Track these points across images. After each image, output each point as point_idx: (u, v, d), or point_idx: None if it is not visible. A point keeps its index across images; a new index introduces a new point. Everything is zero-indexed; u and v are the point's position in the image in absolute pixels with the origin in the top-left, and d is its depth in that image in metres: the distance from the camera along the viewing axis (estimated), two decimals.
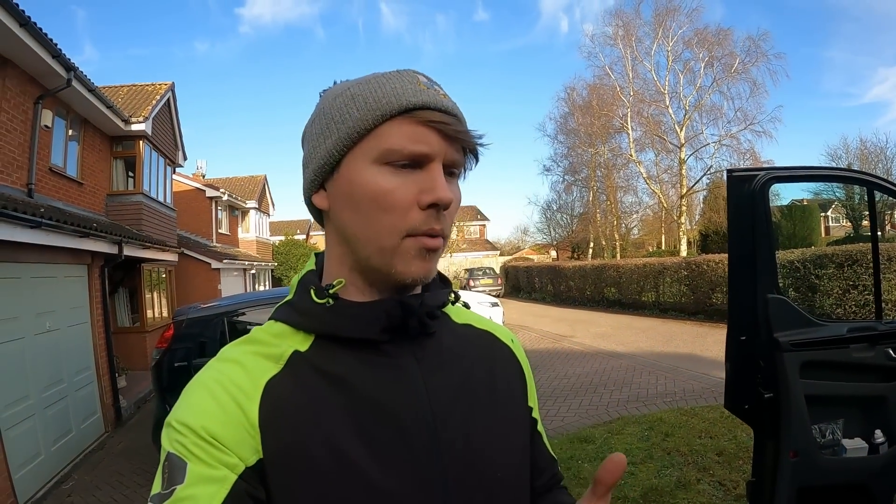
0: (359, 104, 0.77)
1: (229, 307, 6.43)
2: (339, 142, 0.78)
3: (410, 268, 0.77)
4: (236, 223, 27.07)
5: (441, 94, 0.78)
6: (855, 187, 26.72)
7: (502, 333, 0.99)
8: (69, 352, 8.19)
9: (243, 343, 0.81)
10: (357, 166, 0.77)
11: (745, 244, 3.16)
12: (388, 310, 0.79)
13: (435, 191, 0.75)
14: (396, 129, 0.75)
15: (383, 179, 0.75)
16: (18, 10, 7.11)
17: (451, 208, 0.79)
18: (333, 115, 0.79)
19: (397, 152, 0.75)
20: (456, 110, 0.79)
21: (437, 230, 0.77)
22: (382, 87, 0.77)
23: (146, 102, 13.24)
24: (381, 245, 0.77)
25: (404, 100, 0.75)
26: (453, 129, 0.76)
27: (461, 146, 0.79)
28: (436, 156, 0.76)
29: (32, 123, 8.58)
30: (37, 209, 6.80)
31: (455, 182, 0.81)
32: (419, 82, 0.78)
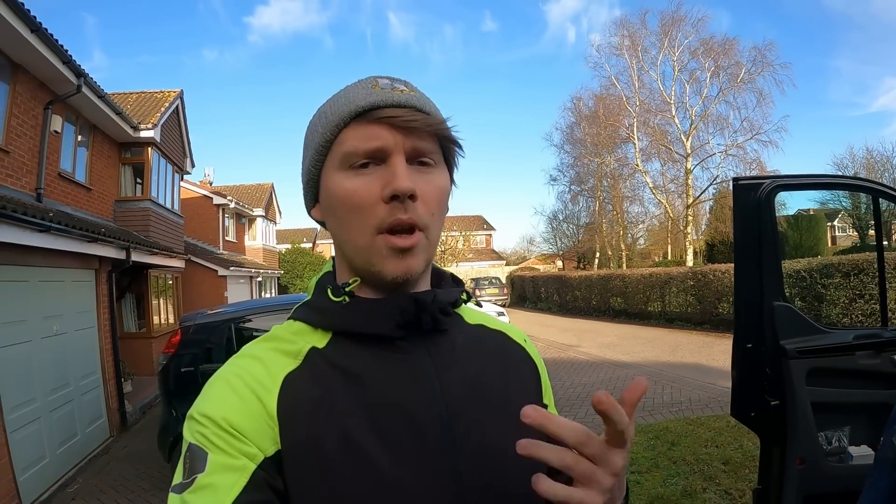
0: (322, 120, 0.82)
1: (236, 314, 6.45)
2: (312, 158, 0.83)
3: (386, 266, 0.79)
4: (243, 231, 27.13)
5: (398, 91, 0.80)
6: (861, 196, 26.70)
7: (515, 333, 1.00)
8: (76, 356, 8.21)
9: (263, 340, 0.84)
10: (328, 176, 0.82)
11: (752, 252, 3.15)
12: (402, 305, 0.81)
13: (392, 182, 0.76)
14: (352, 133, 0.79)
15: (347, 182, 0.79)
16: (30, 17, 7.18)
17: (427, 196, 0.80)
18: (308, 136, 0.85)
19: (353, 153, 0.78)
20: (412, 101, 0.80)
21: (403, 220, 0.77)
22: (340, 99, 0.81)
23: (155, 109, 13.32)
24: (356, 245, 0.80)
25: (354, 105, 0.79)
26: (403, 120, 0.78)
27: (427, 135, 0.80)
28: (392, 149, 0.78)
29: (42, 128, 8.65)
30: (45, 213, 6.84)
31: (433, 172, 0.82)
32: (375, 85, 0.80)
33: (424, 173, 0.80)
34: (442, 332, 0.86)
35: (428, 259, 0.83)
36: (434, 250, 0.85)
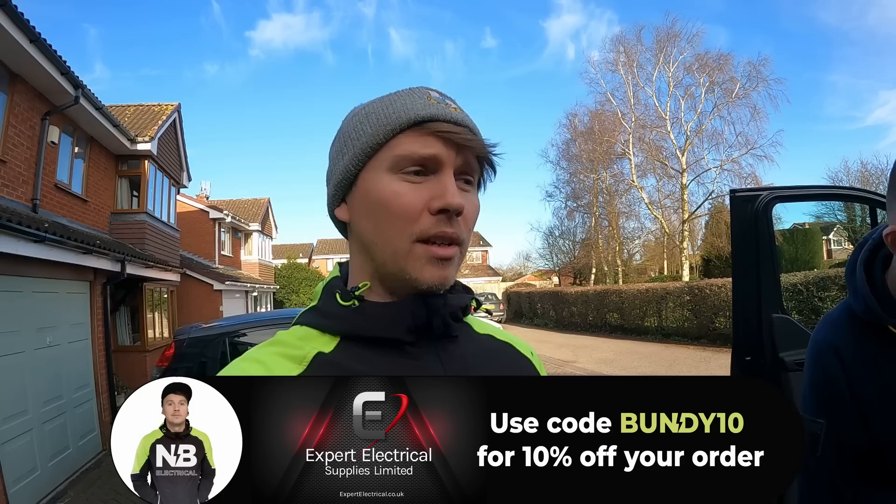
0: (371, 121, 0.81)
1: (230, 328, 6.41)
2: (354, 157, 0.82)
3: (423, 274, 0.79)
4: (239, 245, 27.09)
5: (451, 107, 0.82)
6: (857, 209, 26.82)
7: (522, 346, 1.00)
8: (69, 368, 8.15)
9: (267, 345, 0.82)
10: (372, 177, 0.81)
11: (750, 264, 3.16)
12: (413, 309, 0.80)
13: (445, 196, 0.77)
14: (407, 139, 0.79)
15: (395, 185, 0.79)
16: (29, 27, 7.19)
17: (468, 215, 0.81)
18: (350, 133, 0.84)
19: (408, 158, 0.78)
20: (466, 121, 0.81)
21: (448, 233, 0.78)
22: (394, 104, 0.81)
23: (152, 122, 13.33)
24: (393, 249, 0.79)
25: (413, 113, 0.79)
26: (461, 138, 0.79)
27: (474, 155, 0.82)
28: (445, 162, 0.79)
29: (39, 139, 8.63)
30: (41, 224, 6.81)
31: (472, 191, 0.84)
32: (429, 97, 0.82)
33: (466, 192, 0.82)
34: (452, 338, 0.85)
35: (457, 273, 0.84)
36: (461, 264, 0.85)
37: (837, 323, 1.39)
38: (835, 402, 1.33)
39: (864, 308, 1.31)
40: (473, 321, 0.95)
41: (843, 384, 1.33)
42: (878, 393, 1.29)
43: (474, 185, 0.85)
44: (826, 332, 1.41)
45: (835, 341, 1.36)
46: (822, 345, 1.39)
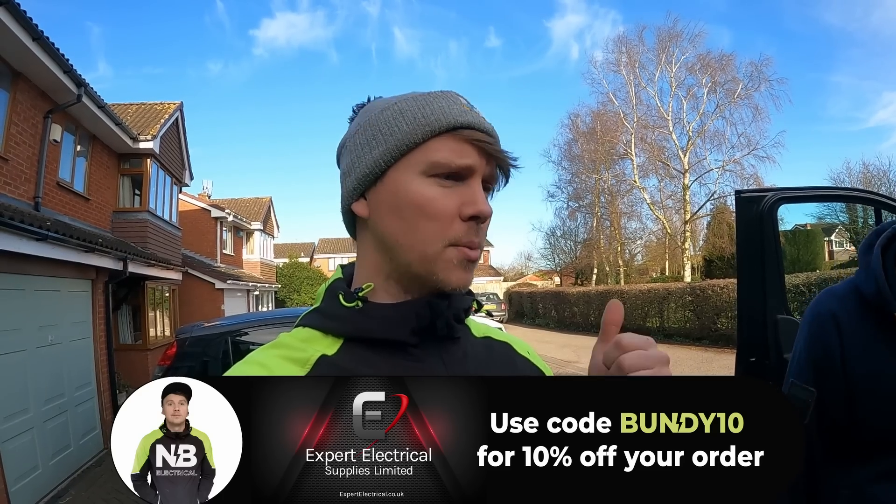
0: (408, 119, 0.81)
1: (232, 327, 6.42)
2: (386, 152, 0.81)
3: (451, 276, 0.80)
4: (241, 244, 27.11)
5: (481, 117, 0.84)
6: (859, 211, 26.78)
7: (520, 346, 1.00)
8: (70, 366, 8.16)
9: (270, 347, 0.82)
10: (404, 176, 0.80)
11: (754, 265, 3.15)
12: (418, 311, 0.81)
13: (476, 204, 0.79)
14: (443, 144, 0.80)
15: (429, 190, 0.79)
16: (32, 24, 7.20)
17: (488, 221, 0.82)
18: (381, 127, 0.83)
19: (444, 165, 0.79)
20: (495, 132, 0.84)
21: (475, 242, 0.81)
22: (430, 105, 0.82)
23: (155, 121, 13.35)
24: (424, 252, 0.80)
25: (451, 118, 0.80)
26: (494, 148, 0.81)
27: (496, 165, 0.84)
28: (476, 171, 0.81)
29: (41, 137, 8.64)
30: (43, 222, 6.81)
31: (489, 197, 0.86)
32: (462, 104, 0.83)
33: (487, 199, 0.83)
34: (454, 339, 0.86)
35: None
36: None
37: (843, 297, 1.38)
38: (828, 373, 1.33)
39: (875, 289, 1.30)
40: (471, 323, 0.95)
41: (838, 357, 1.32)
42: (868, 376, 1.29)
43: (489, 192, 0.86)
44: (830, 303, 1.39)
45: (838, 313, 1.35)
46: (824, 314, 1.38)
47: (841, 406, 1.31)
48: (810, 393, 1.34)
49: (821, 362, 1.34)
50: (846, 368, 1.30)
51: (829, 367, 1.32)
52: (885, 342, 1.28)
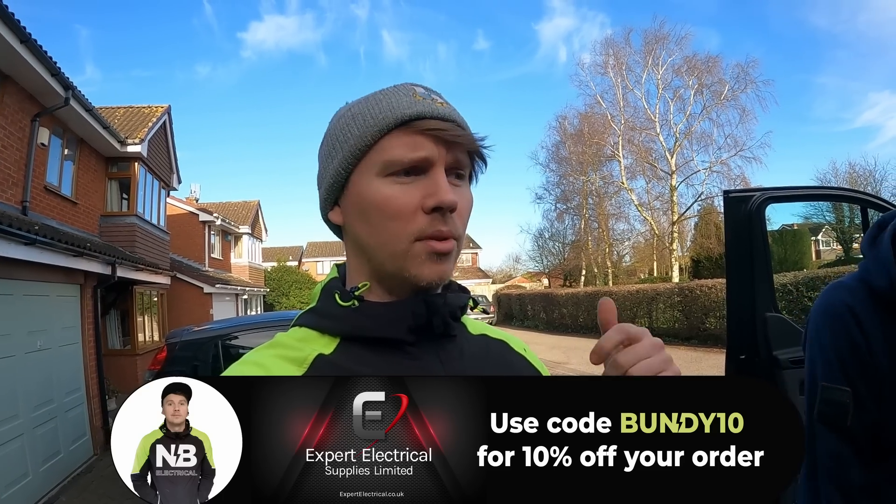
0: (358, 122, 0.81)
1: (222, 331, 6.41)
2: (343, 160, 0.81)
3: (423, 270, 0.79)
4: (229, 248, 27.01)
5: (438, 103, 0.81)
6: (845, 210, 27.00)
7: (515, 343, 1.00)
8: (60, 372, 8.09)
9: (267, 347, 0.82)
10: (363, 180, 0.80)
11: (743, 264, 3.17)
12: (414, 309, 0.80)
13: (437, 194, 0.77)
14: (395, 140, 0.78)
15: (387, 189, 0.78)
16: (20, 27, 7.13)
17: (462, 209, 0.81)
18: (337, 136, 0.83)
19: (398, 162, 0.78)
20: (454, 115, 0.81)
21: (444, 232, 0.78)
22: (379, 104, 0.81)
23: (142, 124, 13.27)
24: (391, 250, 0.79)
25: (399, 112, 0.78)
26: (450, 134, 0.79)
27: (464, 149, 0.81)
28: (436, 161, 0.78)
29: (29, 141, 8.56)
30: (31, 226, 6.76)
31: (464, 185, 0.84)
32: (415, 94, 0.81)
33: (458, 187, 0.82)
34: (451, 337, 0.85)
35: (454, 268, 0.84)
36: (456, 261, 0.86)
37: (853, 290, 1.32)
38: (860, 367, 1.25)
39: (888, 282, 1.25)
40: (467, 321, 0.95)
41: (864, 349, 1.25)
42: (891, 369, 1.23)
43: (466, 179, 0.84)
44: (842, 296, 1.33)
45: (853, 304, 1.29)
46: (839, 307, 1.31)
47: (875, 402, 1.24)
48: (846, 393, 1.26)
49: (849, 357, 1.27)
50: (874, 360, 1.24)
51: (859, 360, 1.25)
52: None
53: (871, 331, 1.25)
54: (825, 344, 1.32)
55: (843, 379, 1.27)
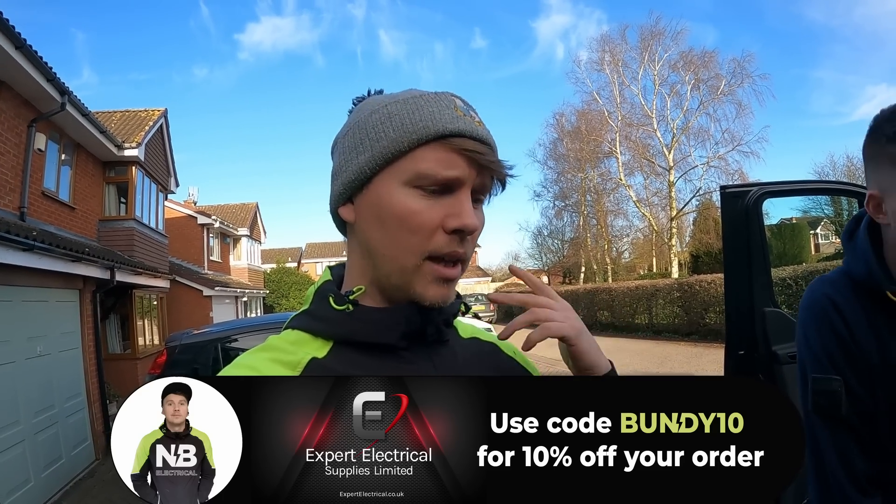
0: (395, 124, 0.78)
1: (222, 333, 6.40)
2: (372, 159, 0.78)
3: (428, 291, 0.79)
4: (228, 250, 26.98)
5: (476, 122, 0.80)
6: (844, 203, 26.99)
7: (505, 346, 1.00)
8: (60, 377, 8.08)
9: (259, 350, 0.81)
10: (388, 186, 0.78)
11: (741, 259, 3.17)
12: (408, 315, 0.80)
13: (461, 217, 0.76)
14: (431, 153, 0.76)
15: (413, 201, 0.76)
16: (14, 33, 7.13)
17: (476, 234, 0.80)
18: (368, 132, 0.80)
19: (430, 177, 0.76)
20: (489, 139, 0.80)
21: (459, 253, 0.79)
22: (420, 110, 0.78)
23: (139, 128, 13.25)
24: (402, 264, 0.78)
25: (441, 126, 0.76)
26: (486, 159, 0.77)
27: (492, 174, 0.80)
28: (465, 182, 0.77)
29: (26, 146, 8.56)
30: (29, 232, 6.76)
31: (480, 207, 0.83)
32: (456, 107, 0.79)
33: (476, 210, 0.81)
34: (444, 342, 0.86)
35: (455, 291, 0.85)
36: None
37: (835, 282, 1.33)
38: (850, 358, 1.26)
39: (866, 271, 1.26)
40: (458, 324, 0.95)
41: (849, 339, 1.25)
42: (880, 357, 1.23)
43: (482, 202, 0.84)
44: (823, 288, 1.33)
45: (834, 296, 1.29)
46: (820, 299, 1.32)
47: (867, 391, 1.24)
48: (836, 381, 1.26)
49: (836, 350, 1.27)
50: (860, 351, 1.24)
51: (845, 352, 1.26)
52: (883, 323, 1.24)
53: (854, 322, 1.26)
54: (812, 339, 1.32)
55: (832, 370, 1.27)
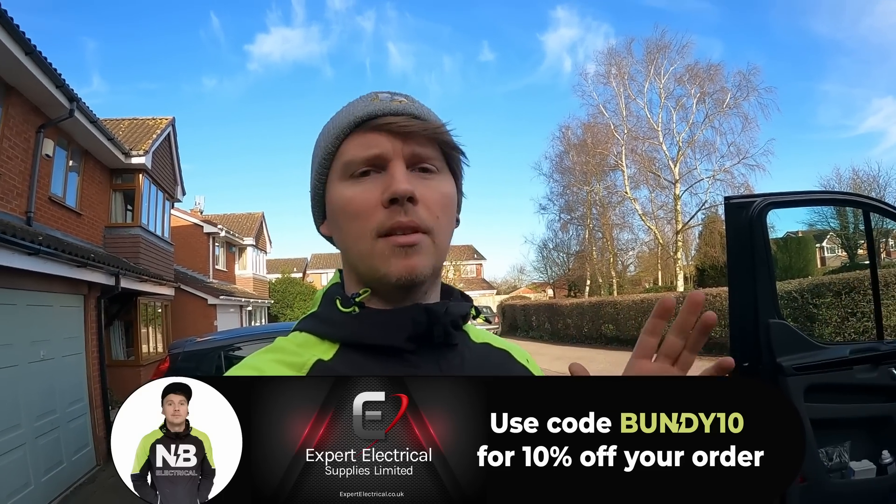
0: (324, 134, 0.85)
1: (225, 342, 6.40)
2: (316, 173, 0.85)
3: (391, 267, 0.78)
4: (233, 260, 27.05)
5: (396, 101, 0.82)
6: (850, 217, 26.93)
7: (518, 353, 0.99)
8: (63, 382, 8.08)
9: (266, 352, 0.82)
10: (331, 189, 0.83)
11: (745, 270, 3.16)
12: (414, 316, 0.80)
13: (391, 185, 0.77)
14: (352, 143, 0.80)
15: (347, 190, 0.80)
16: (25, 39, 7.20)
17: (428, 201, 0.80)
18: (314, 151, 0.87)
19: (354, 163, 0.80)
20: (408, 109, 0.81)
21: (404, 223, 0.77)
22: (342, 113, 0.84)
23: (147, 136, 13.33)
24: (359, 251, 0.81)
25: (353, 116, 0.80)
26: (400, 126, 0.79)
27: (426, 141, 0.81)
28: (391, 156, 0.79)
29: (34, 152, 8.62)
30: (35, 237, 6.79)
31: (435, 177, 0.82)
32: (375, 98, 0.82)
33: (426, 179, 0.81)
34: (451, 346, 0.84)
35: (435, 264, 0.82)
36: (442, 257, 0.84)
37: None
38: None
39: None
40: (471, 329, 0.94)
41: None
42: None
43: (440, 171, 0.83)
44: None
45: None
46: None
47: None
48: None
49: None
50: None
51: None
52: None
53: None
54: None
55: None
